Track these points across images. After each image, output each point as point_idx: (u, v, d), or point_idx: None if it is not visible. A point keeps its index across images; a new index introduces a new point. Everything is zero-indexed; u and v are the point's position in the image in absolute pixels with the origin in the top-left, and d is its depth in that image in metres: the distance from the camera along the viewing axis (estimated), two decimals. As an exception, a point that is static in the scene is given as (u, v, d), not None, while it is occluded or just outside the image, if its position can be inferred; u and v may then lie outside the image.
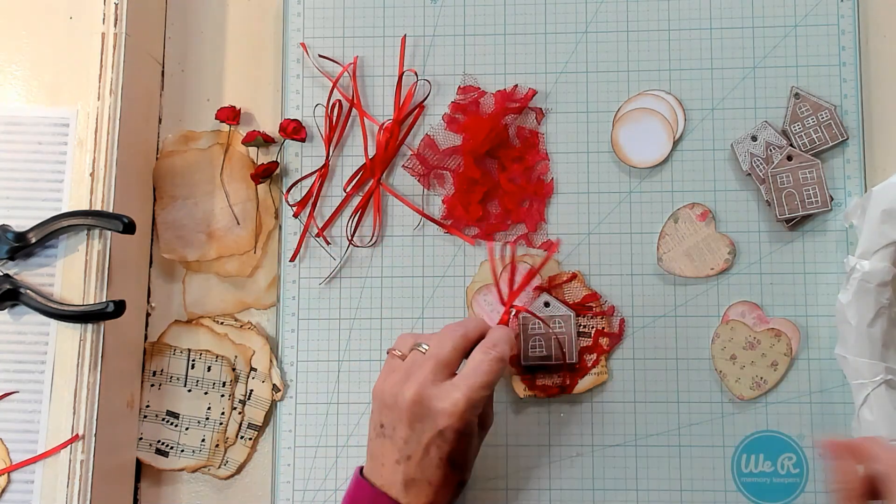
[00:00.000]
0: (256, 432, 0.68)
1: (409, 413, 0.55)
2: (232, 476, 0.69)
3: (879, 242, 0.62)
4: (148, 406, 0.69)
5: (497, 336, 0.58)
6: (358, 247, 0.70)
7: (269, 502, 0.68)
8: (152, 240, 0.71)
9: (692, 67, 0.70)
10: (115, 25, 0.65)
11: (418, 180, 0.70)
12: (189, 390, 0.69)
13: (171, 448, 0.68)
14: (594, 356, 0.67)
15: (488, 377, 0.56)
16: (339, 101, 0.70)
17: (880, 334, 0.62)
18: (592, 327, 0.67)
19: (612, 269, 0.68)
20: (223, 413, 0.68)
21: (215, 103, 0.72)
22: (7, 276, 0.62)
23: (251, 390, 0.68)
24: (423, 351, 0.57)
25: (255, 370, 0.69)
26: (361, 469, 0.59)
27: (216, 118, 0.71)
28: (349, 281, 0.69)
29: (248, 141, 0.70)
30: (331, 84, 0.70)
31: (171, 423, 0.69)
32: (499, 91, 0.70)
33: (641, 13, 0.70)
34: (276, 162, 0.70)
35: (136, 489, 0.69)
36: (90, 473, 0.61)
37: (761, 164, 0.68)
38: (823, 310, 0.67)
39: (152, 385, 0.69)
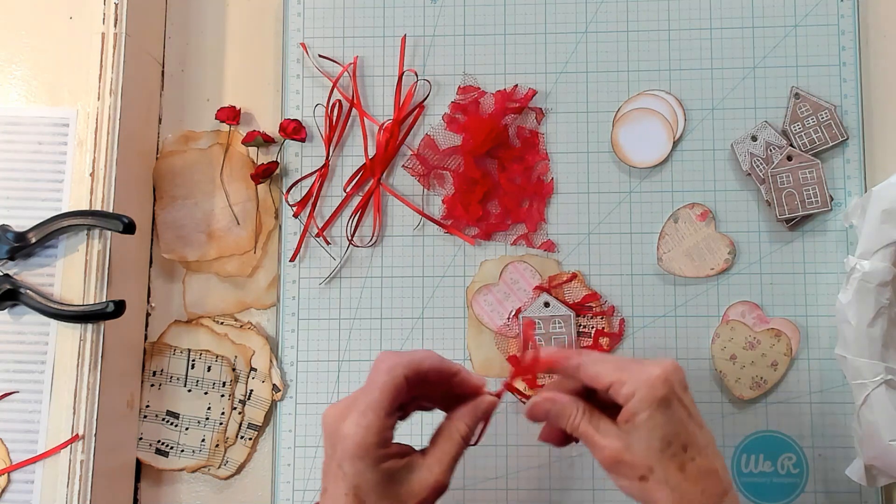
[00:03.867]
0: (256, 432, 0.68)
1: (325, 436, 0.52)
2: (232, 476, 0.69)
3: (879, 242, 0.62)
4: (148, 406, 0.69)
5: (396, 361, 0.52)
6: (358, 247, 0.70)
7: (269, 502, 0.68)
8: (152, 240, 0.71)
9: (692, 67, 0.70)
10: (115, 25, 0.65)
11: (418, 180, 0.70)
12: (189, 390, 0.69)
13: (171, 448, 0.68)
14: (594, 356, 0.67)
15: (370, 395, 0.50)
16: (339, 101, 0.70)
17: (880, 334, 0.62)
18: (592, 327, 0.67)
19: (612, 269, 0.68)
20: (223, 413, 0.68)
21: (215, 103, 0.72)
22: (7, 276, 0.62)
23: (251, 390, 0.68)
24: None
25: (255, 370, 0.69)
26: None
27: (216, 118, 0.71)
28: (349, 281, 0.69)
29: (248, 141, 0.70)
30: (331, 84, 0.70)
31: (171, 423, 0.69)
32: (499, 91, 0.70)
33: (641, 13, 0.70)
34: (276, 162, 0.70)
35: (136, 489, 0.69)
36: (90, 473, 0.61)
37: (761, 164, 0.68)
38: (823, 310, 0.67)
39: (152, 385, 0.69)
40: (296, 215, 0.70)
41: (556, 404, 0.52)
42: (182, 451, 0.68)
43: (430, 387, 0.53)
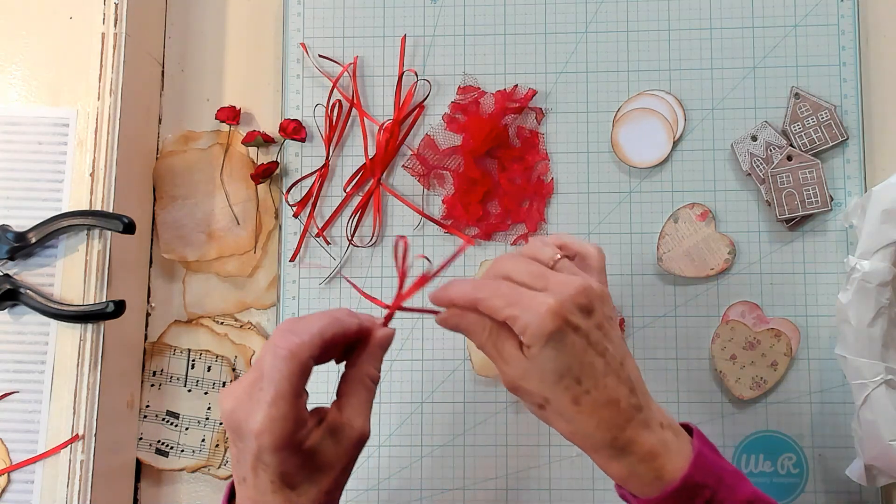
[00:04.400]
0: (256, 432, 0.68)
1: (230, 430, 0.49)
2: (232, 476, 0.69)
3: (879, 242, 0.62)
4: (148, 406, 0.69)
5: (296, 326, 0.50)
6: (358, 247, 0.70)
7: (269, 502, 0.68)
8: (152, 240, 0.71)
9: (692, 67, 0.70)
10: (115, 25, 0.65)
11: (418, 180, 0.70)
12: (189, 390, 0.69)
13: (171, 448, 0.68)
14: (594, 356, 0.67)
15: (277, 385, 0.47)
16: (339, 101, 0.70)
17: (880, 334, 0.62)
18: (592, 327, 0.67)
19: (612, 269, 0.68)
20: (223, 413, 0.68)
21: (215, 103, 0.72)
22: (7, 276, 0.62)
23: (251, 390, 0.68)
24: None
25: (255, 370, 0.69)
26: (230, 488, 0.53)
27: (216, 118, 0.71)
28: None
29: (248, 141, 0.70)
30: (331, 84, 0.70)
31: (171, 423, 0.69)
32: (499, 91, 0.70)
33: (641, 13, 0.70)
34: (276, 162, 0.70)
35: (136, 489, 0.69)
36: (90, 473, 0.61)
37: (761, 164, 0.68)
38: (823, 310, 0.67)
39: (152, 385, 0.69)
40: (296, 215, 0.70)
41: (464, 320, 0.51)
42: (182, 451, 0.68)
43: (332, 349, 0.51)
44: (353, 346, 0.52)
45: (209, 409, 0.68)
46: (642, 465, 0.48)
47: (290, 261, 0.70)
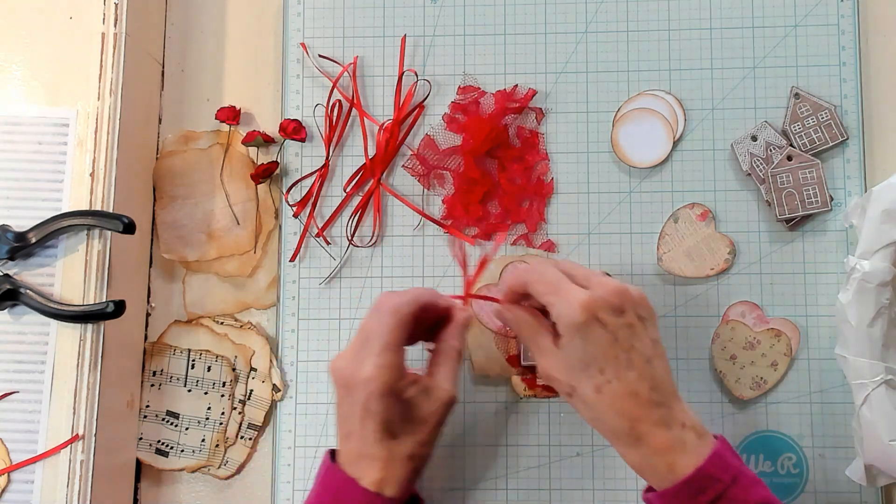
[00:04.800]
0: (256, 432, 0.68)
1: (341, 388, 0.56)
2: (232, 476, 0.69)
3: (879, 242, 0.62)
4: (148, 406, 0.69)
5: (399, 296, 0.57)
6: (358, 247, 0.70)
7: (269, 502, 0.68)
8: (152, 240, 0.71)
9: (692, 67, 0.70)
10: (115, 25, 0.65)
11: (418, 180, 0.70)
12: (189, 390, 0.69)
13: (171, 448, 0.68)
14: (594, 356, 0.67)
15: (382, 337, 0.55)
16: (339, 101, 0.70)
17: (880, 334, 0.62)
18: (592, 327, 0.67)
19: (612, 269, 0.68)
20: (223, 413, 0.68)
21: (215, 103, 0.72)
22: (7, 276, 0.62)
23: (251, 390, 0.68)
24: None
25: (255, 370, 0.69)
26: (330, 451, 0.59)
27: (216, 118, 0.71)
28: (349, 281, 0.69)
29: (248, 141, 0.70)
30: (331, 84, 0.70)
31: (171, 423, 0.69)
32: (499, 91, 0.70)
33: (641, 13, 0.70)
34: (276, 162, 0.70)
35: (136, 489, 0.69)
36: (90, 473, 0.61)
37: (761, 164, 0.68)
38: (823, 310, 0.67)
39: (152, 385, 0.69)
40: (296, 215, 0.70)
41: (513, 314, 0.59)
42: (182, 451, 0.68)
43: (419, 322, 0.58)
44: (438, 328, 0.60)
45: (209, 409, 0.68)
46: (656, 457, 0.52)
47: (290, 261, 0.70)
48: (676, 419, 0.53)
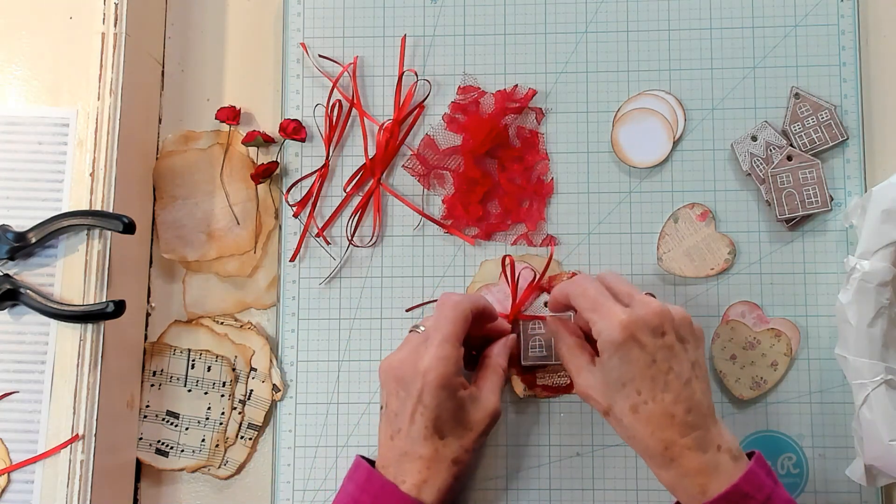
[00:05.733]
0: (256, 432, 0.68)
1: (395, 382, 0.57)
2: (232, 476, 0.69)
3: (879, 242, 0.62)
4: (148, 406, 0.69)
5: (469, 298, 0.60)
6: (358, 247, 0.70)
7: (269, 502, 0.68)
8: (152, 240, 0.71)
9: (692, 67, 0.70)
10: (115, 25, 0.65)
11: (418, 180, 0.70)
12: (189, 390, 0.69)
13: (171, 448, 0.68)
14: (594, 356, 0.67)
15: (445, 331, 0.57)
16: (339, 101, 0.70)
17: (880, 334, 0.62)
18: (592, 327, 0.67)
19: (612, 268, 0.68)
20: (223, 413, 0.68)
21: (215, 103, 0.72)
22: (7, 276, 0.62)
23: (251, 390, 0.68)
24: (420, 332, 0.60)
25: (255, 370, 0.69)
26: (361, 457, 0.59)
27: (216, 118, 0.71)
28: (349, 281, 0.69)
29: (248, 141, 0.70)
30: (331, 84, 0.70)
31: (171, 423, 0.69)
32: (499, 91, 0.70)
33: (641, 13, 0.70)
34: (276, 162, 0.70)
35: (136, 489, 0.69)
36: (90, 473, 0.61)
37: (761, 164, 0.68)
38: (823, 310, 0.67)
39: (152, 385, 0.69)
40: (296, 215, 0.70)
41: (557, 329, 0.62)
42: (182, 451, 0.68)
43: (472, 328, 0.59)
44: (485, 345, 0.63)
45: (209, 409, 0.68)
46: (688, 479, 0.53)
47: (290, 261, 0.70)
48: (712, 442, 0.54)
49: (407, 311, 0.68)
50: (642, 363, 0.54)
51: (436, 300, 0.66)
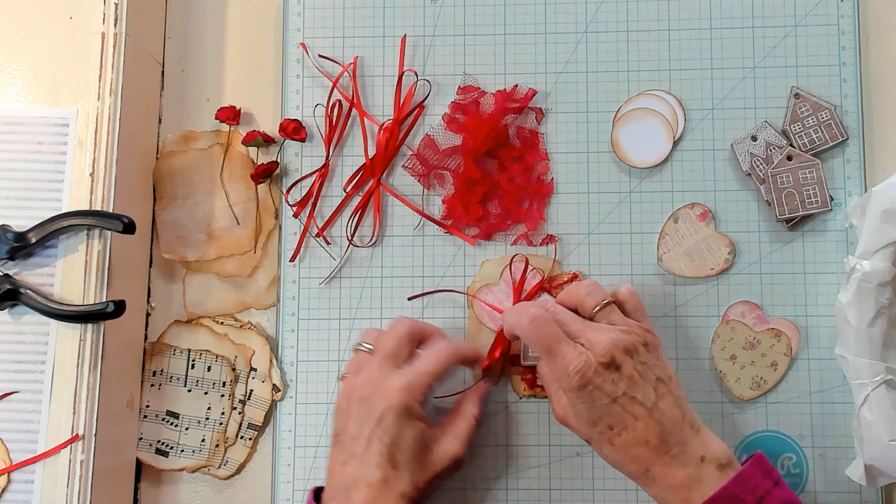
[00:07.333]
0: (256, 432, 0.68)
1: (358, 403, 0.57)
2: (232, 476, 0.69)
3: (879, 242, 0.62)
4: (148, 406, 0.69)
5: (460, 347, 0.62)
6: (358, 247, 0.70)
7: (269, 502, 0.68)
8: (152, 240, 0.71)
9: (692, 67, 0.70)
10: (115, 25, 0.65)
11: (418, 180, 0.70)
12: (189, 390, 0.69)
13: (171, 448, 0.68)
14: (594, 356, 0.67)
15: (432, 366, 0.58)
16: (339, 101, 0.70)
17: (880, 334, 0.62)
18: (592, 327, 0.67)
19: (612, 269, 0.68)
20: (223, 413, 0.68)
21: (215, 103, 0.72)
22: (7, 276, 0.62)
23: (251, 390, 0.68)
24: (368, 350, 0.61)
25: (255, 370, 0.69)
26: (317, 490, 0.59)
27: (216, 118, 0.71)
28: (349, 281, 0.69)
29: (248, 141, 0.70)
30: (331, 84, 0.70)
31: (171, 423, 0.69)
32: (499, 91, 0.70)
33: (641, 13, 0.70)
34: (276, 162, 0.70)
35: (136, 489, 0.69)
36: (90, 473, 0.61)
37: (761, 164, 0.68)
38: (823, 310, 0.67)
39: (152, 385, 0.69)
40: (296, 215, 0.70)
41: (538, 365, 0.62)
42: (182, 451, 0.68)
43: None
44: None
45: (209, 409, 0.68)
46: (671, 494, 0.54)
47: (290, 261, 0.70)
48: (693, 455, 0.54)
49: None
50: (605, 402, 0.54)
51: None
